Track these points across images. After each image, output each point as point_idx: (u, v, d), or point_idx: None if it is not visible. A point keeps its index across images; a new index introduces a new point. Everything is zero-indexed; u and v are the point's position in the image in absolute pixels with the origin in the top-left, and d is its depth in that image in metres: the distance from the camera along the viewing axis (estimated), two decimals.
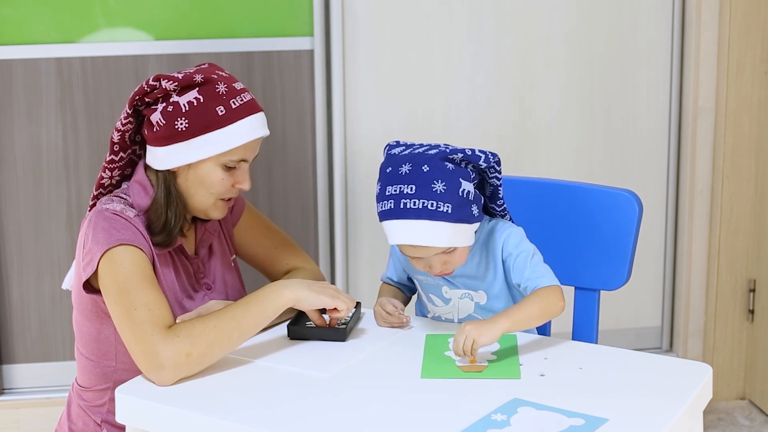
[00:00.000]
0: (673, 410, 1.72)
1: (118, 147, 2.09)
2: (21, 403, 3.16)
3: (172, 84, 2.01)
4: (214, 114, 2.01)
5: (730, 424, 3.27)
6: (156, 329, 1.90)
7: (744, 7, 3.18)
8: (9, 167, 3.10)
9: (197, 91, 2.02)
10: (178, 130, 2.01)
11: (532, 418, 1.68)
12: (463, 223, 1.97)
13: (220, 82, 2.04)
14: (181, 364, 1.87)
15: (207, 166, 2.05)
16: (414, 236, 1.96)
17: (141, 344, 1.89)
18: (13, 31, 3.04)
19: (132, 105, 2.05)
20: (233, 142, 2.03)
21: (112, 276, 1.95)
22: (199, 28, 3.10)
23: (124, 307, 1.93)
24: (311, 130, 3.19)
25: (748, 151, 3.26)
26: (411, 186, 1.95)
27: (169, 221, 2.05)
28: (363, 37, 3.16)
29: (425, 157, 1.97)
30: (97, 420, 2.13)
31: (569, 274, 2.27)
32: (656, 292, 3.46)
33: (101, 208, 2.03)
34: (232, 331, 1.92)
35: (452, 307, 2.13)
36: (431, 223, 1.94)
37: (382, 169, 2.02)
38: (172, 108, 2.01)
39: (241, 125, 2.03)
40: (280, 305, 1.98)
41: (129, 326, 1.92)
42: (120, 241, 1.97)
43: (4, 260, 3.14)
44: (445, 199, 1.94)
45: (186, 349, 1.87)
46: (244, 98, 2.06)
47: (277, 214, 3.21)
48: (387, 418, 1.72)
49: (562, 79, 3.26)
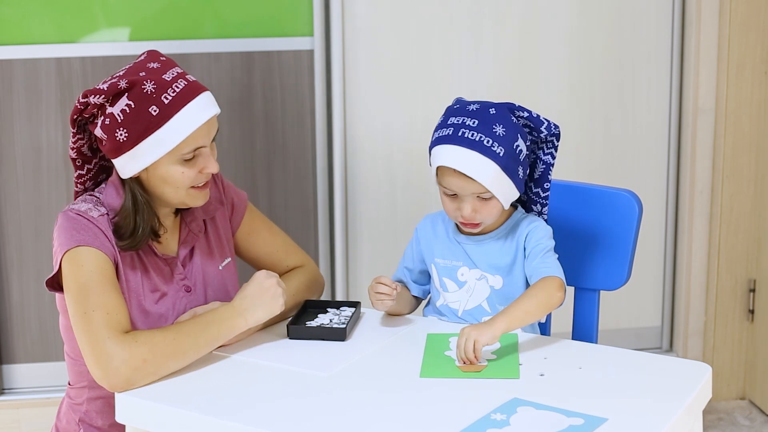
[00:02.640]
0: (672, 410, 1.72)
1: (80, 161, 2.08)
2: (21, 403, 3.16)
3: (100, 98, 1.96)
4: (148, 116, 1.95)
5: (730, 424, 3.27)
6: (112, 333, 1.89)
7: (744, 7, 3.18)
8: (9, 167, 3.10)
9: (126, 97, 1.96)
10: (120, 141, 1.97)
11: (532, 418, 1.68)
12: (508, 174, 2.04)
13: (146, 81, 1.96)
14: (137, 368, 1.86)
15: (162, 166, 2.00)
16: (462, 163, 2.03)
17: (95, 347, 1.89)
18: (13, 31, 3.04)
19: (74, 125, 2.02)
20: (179, 137, 1.97)
21: (72, 276, 1.95)
22: (199, 28, 3.10)
23: (81, 308, 1.92)
24: (311, 130, 3.19)
25: (748, 151, 3.26)
26: (474, 120, 2.05)
27: (138, 227, 2.02)
28: (363, 37, 3.16)
29: (494, 104, 2.08)
30: (76, 418, 2.12)
31: (569, 274, 2.26)
32: (656, 292, 3.46)
33: (67, 208, 2.03)
34: (188, 348, 1.93)
35: (465, 292, 2.13)
36: (482, 157, 2.02)
37: (449, 107, 2.13)
38: (109, 120, 1.97)
39: (181, 117, 1.96)
40: (235, 331, 2.00)
41: (85, 329, 1.91)
42: (80, 242, 1.96)
43: (4, 260, 3.14)
44: (501, 142, 2.03)
45: (143, 355, 1.87)
46: (176, 87, 1.98)
47: (277, 214, 3.21)
48: (387, 417, 1.72)
49: (562, 79, 3.26)
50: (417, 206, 3.22)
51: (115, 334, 1.89)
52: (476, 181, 2.02)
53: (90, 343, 1.90)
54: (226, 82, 3.11)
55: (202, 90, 2.02)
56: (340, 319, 2.14)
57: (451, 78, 3.21)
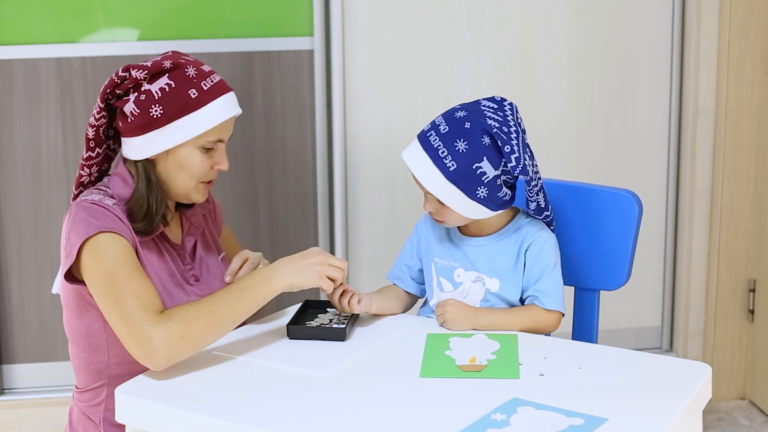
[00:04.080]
0: (672, 410, 1.72)
1: (93, 143, 2.10)
2: (21, 403, 3.16)
3: (142, 72, 2.02)
4: (187, 97, 2.03)
5: (730, 424, 3.27)
6: (147, 314, 1.90)
7: (744, 7, 3.18)
8: (9, 167, 3.10)
9: (167, 77, 2.03)
10: (153, 117, 2.03)
11: (532, 418, 1.68)
12: (460, 190, 2.02)
13: (188, 66, 2.06)
14: (175, 345, 1.88)
15: (185, 149, 2.06)
16: (414, 163, 2.06)
17: (133, 331, 1.90)
18: (13, 31, 3.04)
19: (104, 98, 2.06)
20: (209, 123, 2.05)
21: (96, 266, 1.96)
22: (199, 28, 3.10)
23: (112, 296, 1.93)
24: (311, 130, 3.19)
25: (748, 151, 3.26)
26: (446, 127, 2.04)
27: (151, 208, 2.06)
28: (363, 37, 3.16)
29: (476, 119, 2.03)
30: (96, 420, 2.12)
31: (569, 274, 2.27)
32: (656, 292, 3.46)
33: (80, 200, 2.05)
34: (224, 316, 1.93)
35: (460, 293, 2.13)
36: (432, 165, 2.03)
37: (457, 105, 2.12)
38: (145, 96, 2.03)
39: (214, 106, 2.05)
40: (271, 292, 1.99)
41: (119, 314, 1.92)
42: (100, 228, 1.97)
43: (4, 260, 3.14)
44: (457, 158, 2.01)
45: (180, 331, 1.89)
46: (213, 79, 2.08)
47: (277, 214, 3.21)
48: (386, 417, 1.72)
49: (562, 79, 3.26)
50: (417, 206, 3.21)
51: (150, 315, 1.91)
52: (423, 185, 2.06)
53: (127, 327, 1.91)
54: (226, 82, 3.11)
55: (231, 89, 2.12)
56: (340, 319, 2.14)
57: (451, 78, 3.21)
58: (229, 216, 3.17)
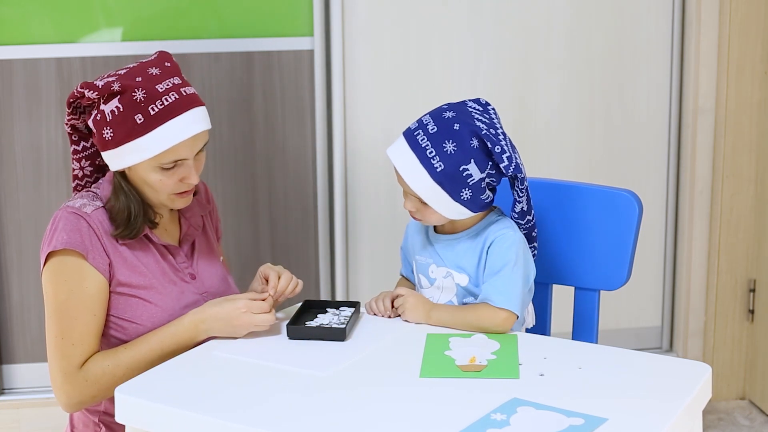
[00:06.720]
0: (672, 410, 1.72)
1: (76, 137, 2.12)
2: (21, 403, 3.16)
3: (93, 93, 2.01)
4: (133, 122, 2.00)
5: (730, 424, 3.27)
6: (70, 368, 2.01)
7: (744, 7, 3.18)
8: (9, 167, 3.10)
9: (117, 100, 2.01)
10: (106, 138, 2.03)
11: (532, 418, 1.68)
12: (446, 191, 2.02)
13: (137, 89, 2.00)
14: (85, 402, 2.04)
15: (142, 169, 2.05)
16: (401, 163, 2.05)
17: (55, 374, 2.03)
18: (13, 31, 3.04)
19: (69, 106, 2.08)
20: (159, 148, 2.01)
21: (53, 288, 2.03)
22: (199, 28, 3.10)
23: (53, 327, 2.02)
24: (311, 130, 3.19)
25: (748, 151, 3.26)
26: (435, 127, 2.03)
27: (131, 213, 2.07)
28: (363, 37, 3.16)
29: (465, 120, 2.03)
30: (96, 420, 2.14)
31: (569, 274, 2.27)
32: (656, 292, 3.46)
33: (65, 205, 2.08)
34: (143, 368, 2.00)
35: (436, 289, 2.15)
36: (419, 165, 2.02)
37: (444, 104, 2.11)
38: (100, 117, 2.03)
39: (164, 130, 2.00)
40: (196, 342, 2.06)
41: (50, 346, 2.03)
42: (67, 245, 2.00)
43: (4, 260, 3.14)
44: (444, 159, 2.01)
45: (92, 393, 2.03)
46: (166, 101, 2.01)
47: (277, 214, 3.21)
48: (386, 417, 1.72)
49: (562, 79, 3.26)
50: None
51: (71, 371, 2.01)
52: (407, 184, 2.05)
53: (51, 366, 2.04)
54: (226, 82, 3.11)
55: (195, 105, 2.05)
56: (340, 319, 2.14)
57: (451, 78, 3.21)
58: (229, 216, 3.17)
